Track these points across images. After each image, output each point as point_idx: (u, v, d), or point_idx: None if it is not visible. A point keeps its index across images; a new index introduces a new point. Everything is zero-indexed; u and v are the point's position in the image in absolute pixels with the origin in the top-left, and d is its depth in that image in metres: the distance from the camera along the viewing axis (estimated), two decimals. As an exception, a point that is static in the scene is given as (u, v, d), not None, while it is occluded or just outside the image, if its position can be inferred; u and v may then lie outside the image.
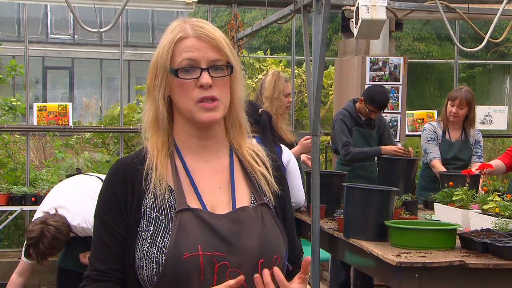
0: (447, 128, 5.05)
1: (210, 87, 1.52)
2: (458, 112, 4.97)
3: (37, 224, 3.44)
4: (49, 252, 3.45)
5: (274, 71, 5.02)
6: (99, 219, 1.55)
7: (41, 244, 3.39)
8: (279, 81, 4.74)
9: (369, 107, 4.95)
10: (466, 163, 5.04)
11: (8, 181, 6.71)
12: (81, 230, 3.58)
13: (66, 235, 3.50)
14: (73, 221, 3.55)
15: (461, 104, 4.96)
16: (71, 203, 3.63)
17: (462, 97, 4.96)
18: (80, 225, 3.55)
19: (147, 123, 1.58)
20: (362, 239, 3.31)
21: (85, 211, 3.56)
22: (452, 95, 5.03)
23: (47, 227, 3.40)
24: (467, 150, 5.05)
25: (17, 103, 7.59)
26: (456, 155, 5.00)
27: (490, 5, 6.08)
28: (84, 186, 3.79)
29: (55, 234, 3.40)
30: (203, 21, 1.59)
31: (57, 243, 3.44)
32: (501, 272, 2.91)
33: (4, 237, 7.07)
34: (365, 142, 5.04)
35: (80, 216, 3.56)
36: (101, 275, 1.51)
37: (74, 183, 3.90)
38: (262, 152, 1.68)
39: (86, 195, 3.65)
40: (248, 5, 8.55)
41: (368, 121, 5.09)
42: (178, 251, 1.44)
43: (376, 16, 4.40)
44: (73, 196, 3.70)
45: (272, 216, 1.58)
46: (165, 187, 1.52)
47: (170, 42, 1.53)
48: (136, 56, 15.43)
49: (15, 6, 12.97)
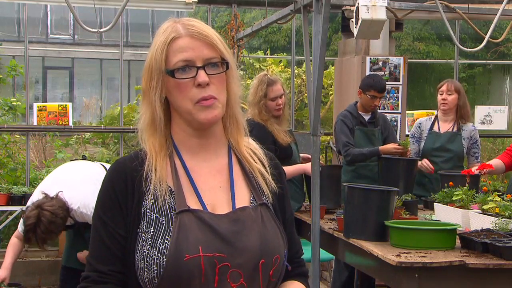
0: (437, 121, 5.04)
1: (207, 85, 1.51)
2: (447, 98, 4.97)
3: (33, 209, 3.46)
4: (47, 236, 3.46)
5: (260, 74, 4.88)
6: (99, 218, 1.54)
7: (39, 229, 3.41)
8: (262, 85, 4.57)
9: (370, 93, 4.87)
10: (455, 155, 5.00)
11: (8, 181, 6.72)
12: (80, 215, 3.57)
13: (64, 219, 3.49)
14: (73, 205, 3.55)
15: (449, 90, 4.98)
16: (73, 186, 3.63)
17: (449, 83, 5.02)
18: (80, 209, 3.55)
19: (144, 125, 1.57)
20: (362, 239, 3.31)
21: (86, 196, 3.55)
22: (439, 85, 5.10)
23: (43, 212, 3.41)
24: (456, 142, 5.01)
25: (17, 103, 7.59)
26: (443, 145, 4.97)
27: (490, 5, 6.08)
28: (88, 171, 3.80)
29: (51, 219, 3.41)
30: (194, 19, 1.58)
31: (54, 227, 3.44)
32: (501, 272, 2.91)
33: (4, 237, 7.07)
34: (368, 140, 4.98)
35: (80, 200, 3.55)
36: (102, 276, 1.49)
37: (78, 167, 3.92)
38: (259, 150, 1.68)
39: (89, 181, 3.65)
40: (248, 5, 8.55)
41: (371, 120, 5.04)
42: (179, 252, 1.43)
43: (376, 16, 4.40)
44: (76, 179, 3.70)
45: (271, 216, 1.58)
46: (165, 188, 1.51)
47: (163, 43, 1.52)
48: (136, 56, 15.42)
49: (15, 6, 12.98)
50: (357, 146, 4.90)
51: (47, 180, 3.78)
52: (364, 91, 4.92)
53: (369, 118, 5.03)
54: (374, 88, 4.87)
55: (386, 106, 6.46)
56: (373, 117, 5.04)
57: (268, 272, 1.51)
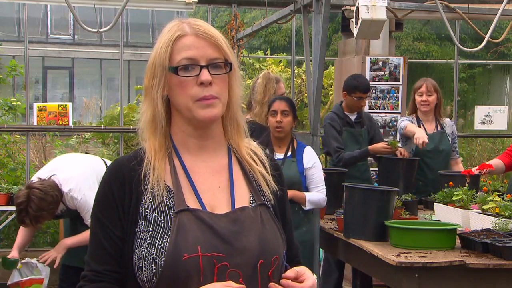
0: (421, 121, 5.03)
1: (209, 85, 1.51)
2: (428, 99, 4.95)
3: (23, 190, 3.50)
4: (40, 215, 3.47)
5: (265, 72, 4.91)
6: (96, 218, 1.54)
7: (30, 208, 3.43)
8: (269, 84, 4.63)
9: (356, 95, 4.86)
10: (446, 154, 5.00)
11: (8, 181, 6.71)
12: (70, 199, 3.58)
13: (54, 197, 3.49)
14: (64, 187, 3.55)
15: (429, 91, 4.95)
16: (67, 169, 3.65)
17: (428, 84, 4.96)
18: (70, 193, 3.55)
19: (145, 123, 1.57)
20: (362, 239, 3.31)
21: (79, 180, 3.57)
22: (417, 85, 5.02)
23: (32, 191, 3.44)
24: (445, 141, 5.00)
25: (17, 103, 7.58)
26: (436, 146, 4.96)
27: (490, 5, 6.08)
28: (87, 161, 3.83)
29: (41, 196, 3.42)
30: (200, 20, 1.58)
31: (46, 204, 3.45)
32: (501, 272, 2.91)
33: (4, 237, 7.07)
34: (355, 141, 4.96)
35: (72, 182, 3.56)
36: (97, 275, 1.50)
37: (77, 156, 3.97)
38: (260, 151, 1.68)
39: (85, 167, 3.68)
40: (248, 5, 8.55)
41: (357, 120, 5.02)
42: (177, 252, 1.44)
43: (376, 16, 4.40)
44: (72, 165, 3.72)
45: (271, 216, 1.58)
46: (163, 187, 1.51)
47: (168, 40, 1.52)
48: (136, 56, 15.44)
49: (15, 6, 12.98)
50: (345, 147, 4.89)
51: (44, 168, 3.81)
52: (349, 93, 4.90)
53: (355, 118, 5.01)
54: (359, 89, 4.88)
55: (386, 106, 6.46)
56: (359, 117, 5.02)
57: (267, 272, 1.51)
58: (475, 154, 9.41)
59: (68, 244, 3.75)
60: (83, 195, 3.54)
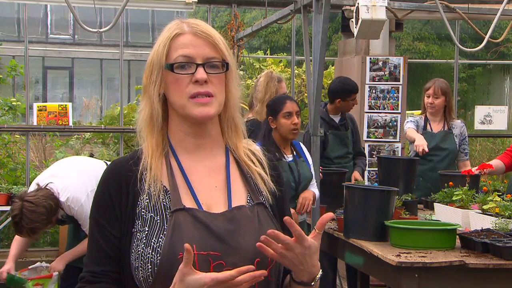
0: (428, 121, 5.04)
1: (205, 83, 1.51)
2: (434, 102, 4.97)
3: (17, 201, 3.47)
4: (34, 226, 3.45)
5: (267, 71, 4.93)
6: (94, 219, 1.54)
7: (23, 221, 3.42)
8: (271, 82, 4.65)
9: (350, 97, 4.87)
10: (449, 153, 5.00)
11: (8, 181, 6.71)
12: (67, 208, 3.56)
13: (47, 207, 3.45)
14: (62, 196, 3.54)
15: (436, 94, 4.97)
16: (66, 177, 3.62)
17: (435, 86, 4.97)
18: (67, 202, 3.53)
19: (143, 121, 1.57)
20: (362, 239, 3.31)
21: (77, 188, 3.55)
22: (426, 86, 5.07)
23: (24, 204, 3.42)
24: (450, 140, 5.02)
25: (17, 103, 7.59)
26: (437, 145, 4.97)
27: (490, 5, 6.09)
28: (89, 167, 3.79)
29: (31, 209, 3.40)
30: (200, 20, 1.59)
31: (37, 216, 3.42)
32: (501, 272, 2.91)
33: (4, 237, 7.07)
34: (341, 144, 4.96)
35: (70, 193, 3.54)
36: (95, 276, 1.51)
37: (79, 161, 3.93)
38: (258, 151, 1.67)
39: (86, 175, 3.65)
40: (248, 5, 8.56)
41: (341, 122, 5.00)
42: (173, 251, 1.43)
43: (376, 16, 4.40)
44: (72, 172, 3.69)
45: (268, 216, 1.57)
46: (159, 187, 1.51)
47: (167, 39, 1.53)
48: (136, 56, 15.44)
49: (15, 6, 12.98)
50: (331, 150, 4.88)
51: (44, 172, 3.79)
52: (343, 99, 4.89)
53: (339, 120, 5.00)
54: (353, 91, 4.91)
55: (386, 106, 6.46)
56: (343, 119, 5.02)
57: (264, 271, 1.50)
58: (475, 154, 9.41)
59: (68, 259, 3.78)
60: (80, 206, 3.53)
